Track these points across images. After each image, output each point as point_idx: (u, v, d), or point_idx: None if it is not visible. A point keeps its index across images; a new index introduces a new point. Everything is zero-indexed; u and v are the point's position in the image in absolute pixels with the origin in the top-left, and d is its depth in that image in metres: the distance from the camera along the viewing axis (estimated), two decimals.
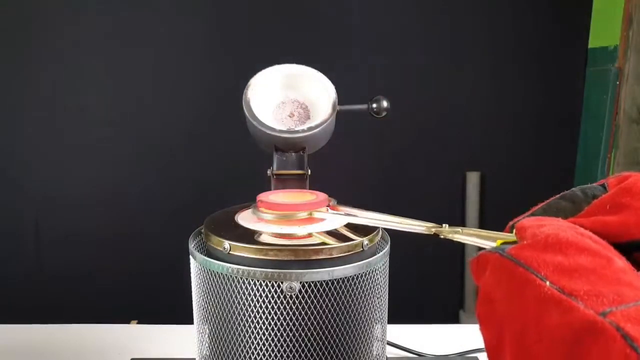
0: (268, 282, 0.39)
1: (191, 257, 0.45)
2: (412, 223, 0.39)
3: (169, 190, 1.70)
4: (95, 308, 1.46)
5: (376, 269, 0.43)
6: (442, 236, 0.36)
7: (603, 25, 1.63)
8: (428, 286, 1.79)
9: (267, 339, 0.40)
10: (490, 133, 1.74)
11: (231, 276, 0.40)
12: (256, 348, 0.41)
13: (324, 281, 0.40)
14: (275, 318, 0.40)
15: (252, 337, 0.41)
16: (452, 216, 1.77)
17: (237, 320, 0.41)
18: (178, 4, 1.63)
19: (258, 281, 0.40)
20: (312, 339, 0.40)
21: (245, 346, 0.41)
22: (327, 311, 0.41)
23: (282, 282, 0.39)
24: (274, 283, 0.39)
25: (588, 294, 0.21)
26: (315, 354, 0.41)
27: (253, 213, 0.46)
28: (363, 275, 0.42)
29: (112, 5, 1.60)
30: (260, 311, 0.40)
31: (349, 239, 0.42)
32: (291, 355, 0.40)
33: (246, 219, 0.46)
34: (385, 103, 0.53)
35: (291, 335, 0.40)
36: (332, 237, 0.42)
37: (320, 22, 1.65)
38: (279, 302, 0.40)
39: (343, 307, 0.41)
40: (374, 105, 0.53)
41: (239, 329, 0.41)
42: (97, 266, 1.70)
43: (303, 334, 0.40)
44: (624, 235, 0.26)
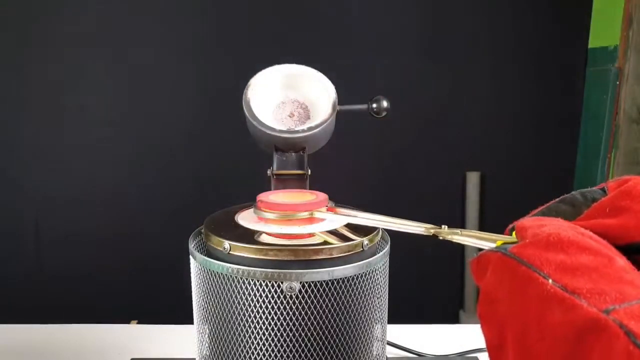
0: (268, 282, 0.39)
1: (191, 257, 0.45)
2: (411, 224, 0.39)
3: (169, 190, 1.70)
4: (95, 308, 1.46)
5: (376, 269, 0.43)
6: (441, 237, 0.36)
7: (603, 25, 1.62)
8: (428, 286, 1.79)
9: (267, 339, 0.40)
10: (490, 133, 1.74)
11: (231, 276, 0.40)
12: (256, 348, 0.41)
13: (324, 281, 0.40)
14: (275, 318, 0.40)
15: (252, 337, 0.41)
16: (452, 216, 1.77)
17: (237, 320, 0.41)
18: (178, 4, 1.63)
19: (258, 281, 0.40)
20: (312, 339, 0.40)
21: (245, 346, 0.41)
22: (327, 311, 0.41)
23: (282, 282, 0.39)
24: (274, 283, 0.39)
25: (591, 292, 0.21)
26: (315, 354, 0.41)
27: (253, 213, 0.46)
28: (363, 275, 0.42)
29: (112, 5, 1.61)
30: (260, 311, 0.40)
31: (350, 239, 0.42)
32: (291, 355, 0.40)
33: (246, 219, 0.46)
34: (385, 103, 0.53)
35: (291, 335, 0.40)
36: (333, 237, 0.42)
37: (320, 22, 1.65)
38: (279, 302, 0.40)
39: (343, 307, 0.41)
40: (374, 105, 0.53)
41: (239, 329, 0.41)
42: (97, 266, 1.70)
43: (303, 334, 0.40)
44: (624, 237, 0.26)
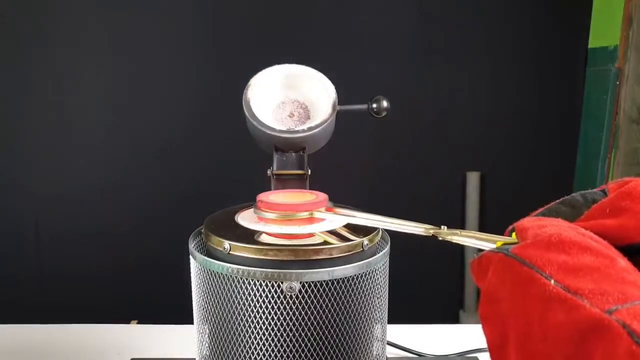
0: (268, 282, 0.39)
1: (191, 257, 0.45)
2: (411, 225, 0.39)
3: (169, 190, 1.70)
4: (95, 308, 1.46)
5: (376, 269, 0.43)
6: (441, 238, 0.36)
7: (603, 25, 1.62)
8: (428, 286, 1.79)
9: (267, 339, 0.40)
10: (490, 133, 1.74)
11: (231, 276, 0.40)
12: (256, 348, 0.41)
13: (324, 281, 0.40)
14: (275, 318, 0.40)
15: (252, 337, 0.41)
16: (452, 216, 1.77)
17: (237, 320, 0.41)
18: (178, 4, 1.63)
19: (258, 281, 0.40)
20: (312, 339, 0.40)
21: (245, 346, 0.41)
22: (327, 311, 0.41)
23: (282, 282, 0.39)
24: (274, 283, 0.39)
25: (593, 293, 0.21)
26: (315, 354, 0.41)
27: (253, 213, 0.46)
28: (363, 275, 0.42)
29: (112, 5, 1.61)
30: (260, 311, 0.40)
31: (350, 239, 0.42)
32: (291, 355, 0.40)
33: (246, 219, 0.46)
34: (385, 103, 0.53)
35: (291, 335, 0.40)
36: (333, 237, 0.42)
37: (320, 22, 1.65)
38: (279, 302, 0.40)
39: (343, 307, 0.41)
40: (374, 105, 0.53)
41: (239, 329, 0.41)
42: (97, 266, 1.70)
43: (303, 334, 0.40)
44: (624, 238, 0.26)
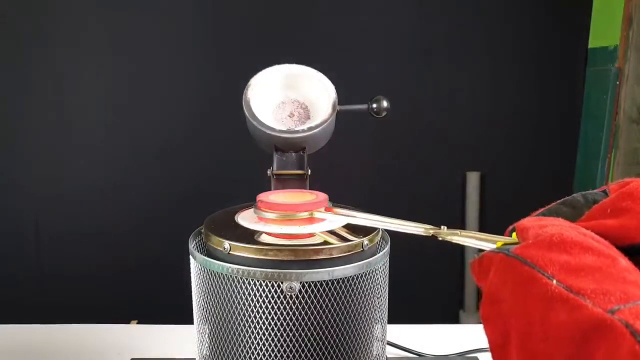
0: (268, 282, 0.39)
1: (191, 257, 0.45)
2: (411, 225, 0.38)
3: (169, 190, 1.70)
4: (95, 308, 1.46)
5: (376, 269, 0.43)
6: (441, 238, 0.36)
7: (603, 25, 1.62)
8: (428, 286, 1.79)
9: (267, 339, 0.40)
10: (490, 133, 1.73)
11: (231, 276, 0.40)
12: (256, 348, 0.41)
13: (324, 281, 0.40)
14: (275, 318, 0.40)
15: (252, 337, 0.41)
16: (452, 216, 1.77)
17: (237, 320, 0.41)
18: (178, 4, 1.63)
19: (258, 281, 0.40)
20: (312, 339, 0.40)
21: (245, 346, 0.41)
22: (327, 311, 0.41)
23: (282, 282, 0.39)
24: (274, 283, 0.39)
25: (595, 292, 0.21)
26: (315, 354, 0.41)
27: (253, 213, 0.46)
28: (363, 275, 0.42)
29: (112, 5, 1.60)
30: (260, 311, 0.40)
31: (350, 239, 0.42)
32: (291, 355, 0.40)
33: (246, 219, 0.46)
34: (385, 103, 0.53)
35: (291, 335, 0.40)
36: (333, 237, 0.42)
37: (320, 22, 1.65)
38: (279, 302, 0.40)
39: (343, 307, 0.41)
40: (374, 105, 0.53)
41: (239, 329, 0.41)
42: (97, 266, 1.70)
43: (303, 334, 0.40)
44: (625, 239, 0.26)
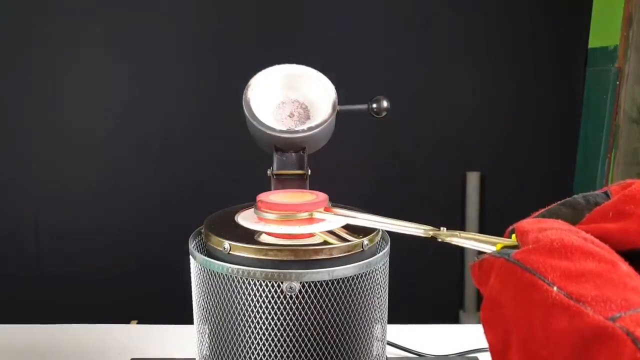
0: (268, 282, 0.39)
1: (191, 257, 0.45)
2: (410, 226, 0.38)
3: (169, 190, 1.70)
4: (95, 308, 1.46)
5: (376, 269, 0.43)
6: (440, 239, 0.35)
7: (603, 25, 1.62)
8: (428, 286, 1.79)
9: (267, 339, 0.40)
10: (490, 133, 1.73)
11: (231, 276, 0.40)
12: (256, 348, 0.41)
13: (324, 281, 0.40)
14: (275, 318, 0.40)
15: (252, 337, 0.41)
16: (452, 216, 1.77)
17: (237, 320, 0.41)
18: (179, 4, 1.63)
19: (258, 281, 0.40)
20: (312, 339, 0.40)
21: (245, 346, 0.41)
22: (327, 311, 0.41)
23: (282, 282, 0.39)
24: (274, 283, 0.39)
25: (596, 300, 0.21)
26: (315, 354, 0.41)
27: (253, 213, 0.45)
28: (363, 275, 0.42)
29: (112, 5, 1.60)
30: (260, 311, 0.40)
31: (350, 239, 0.42)
32: (291, 355, 0.40)
33: (246, 219, 0.46)
34: (385, 103, 0.53)
35: (291, 335, 0.40)
36: (333, 237, 0.42)
37: (320, 22, 1.65)
38: (279, 302, 0.40)
39: (343, 307, 0.41)
40: (374, 105, 0.53)
41: (239, 329, 0.41)
42: (97, 266, 1.70)
43: (303, 334, 0.40)
44: (626, 243, 0.26)
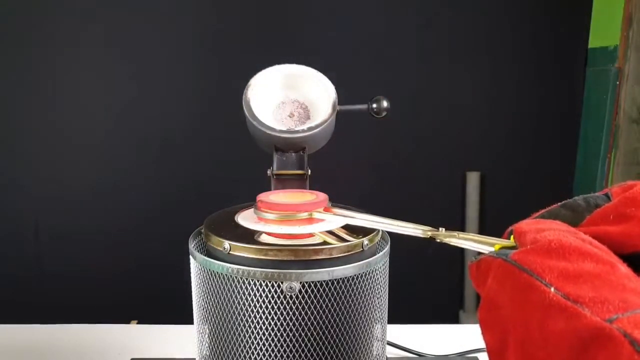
0: (268, 282, 0.39)
1: (191, 257, 0.45)
2: (409, 226, 0.38)
3: (169, 190, 1.70)
4: (95, 308, 1.46)
5: (376, 269, 0.43)
6: (438, 240, 0.35)
7: (603, 25, 1.62)
8: (428, 286, 1.79)
9: (267, 339, 0.40)
10: (490, 133, 1.73)
11: (231, 276, 0.40)
12: (256, 348, 0.41)
13: (324, 281, 0.40)
14: (275, 318, 0.40)
15: (252, 337, 0.41)
16: (452, 216, 1.77)
17: (237, 320, 0.41)
18: (178, 4, 1.63)
19: (258, 281, 0.40)
20: (312, 339, 0.40)
21: (245, 346, 0.41)
22: (327, 311, 0.41)
23: (282, 282, 0.39)
24: (274, 283, 0.39)
25: (594, 301, 0.21)
26: (315, 354, 0.41)
27: (253, 213, 0.45)
28: (363, 275, 0.42)
29: (112, 5, 1.60)
30: (260, 311, 0.40)
31: (350, 239, 0.42)
32: (291, 355, 0.40)
33: (246, 219, 0.46)
34: (385, 103, 0.53)
35: (291, 335, 0.40)
36: (333, 237, 0.42)
37: (320, 22, 1.65)
38: (279, 302, 0.40)
39: (343, 307, 0.41)
40: (374, 105, 0.53)
41: (239, 329, 0.41)
42: (97, 266, 1.70)
43: (303, 334, 0.40)
44: (627, 246, 0.25)
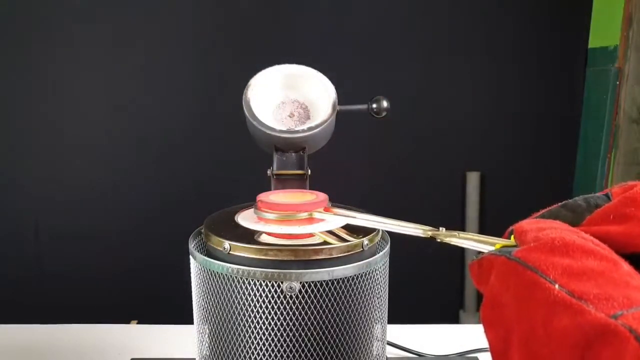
0: (268, 282, 0.39)
1: (191, 257, 0.45)
2: (409, 226, 0.38)
3: (169, 190, 1.70)
4: (95, 308, 1.46)
5: (376, 269, 0.43)
6: (439, 240, 0.35)
7: (603, 25, 1.62)
8: (428, 286, 1.79)
9: (267, 339, 0.40)
10: (490, 133, 1.73)
11: (231, 276, 0.40)
12: (256, 348, 0.41)
13: (324, 281, 0.40)
14: (275, 318, 0.40)
15: (252, 337, 0.41)
16: (452, 216, 1.77)
17: (237, 320, 0.41)
18: (178, 4, 1.63)
19: (258, 281, 0.40)
20: (312, 339, 0.40)
21: (245, 346, 0.41)
22: (327, 311, 0.41)
23: (282, 282, 0.39)
24: (274, 283, 0.39)
25: (598, 297, 0.21)
26: (315, 354, 0.41)
27: (253, 213, 0.46)
28: (363, 275, 0.42)
29: (113, 5, 1.60)
30: (260, 311, 0.40)
31: (350, 239, 0.42)
32: (291, 355, 0.40)
33: (246, 219, 0.46)
34: (385, 103, 0.53)
35: (291, 335, 0.40)
36: (333, 237, 0.42)
37: (320, 22, 1.65)
38: (279, 302, 0.40)
39: (343, 307, 0.41)
40: (374, 105, 0.53)
41: (239, 329, 0.41)
42: (97, 266, 1.70)
43: (303, 334, 0.40)
44: (628, 246, 0.25)
